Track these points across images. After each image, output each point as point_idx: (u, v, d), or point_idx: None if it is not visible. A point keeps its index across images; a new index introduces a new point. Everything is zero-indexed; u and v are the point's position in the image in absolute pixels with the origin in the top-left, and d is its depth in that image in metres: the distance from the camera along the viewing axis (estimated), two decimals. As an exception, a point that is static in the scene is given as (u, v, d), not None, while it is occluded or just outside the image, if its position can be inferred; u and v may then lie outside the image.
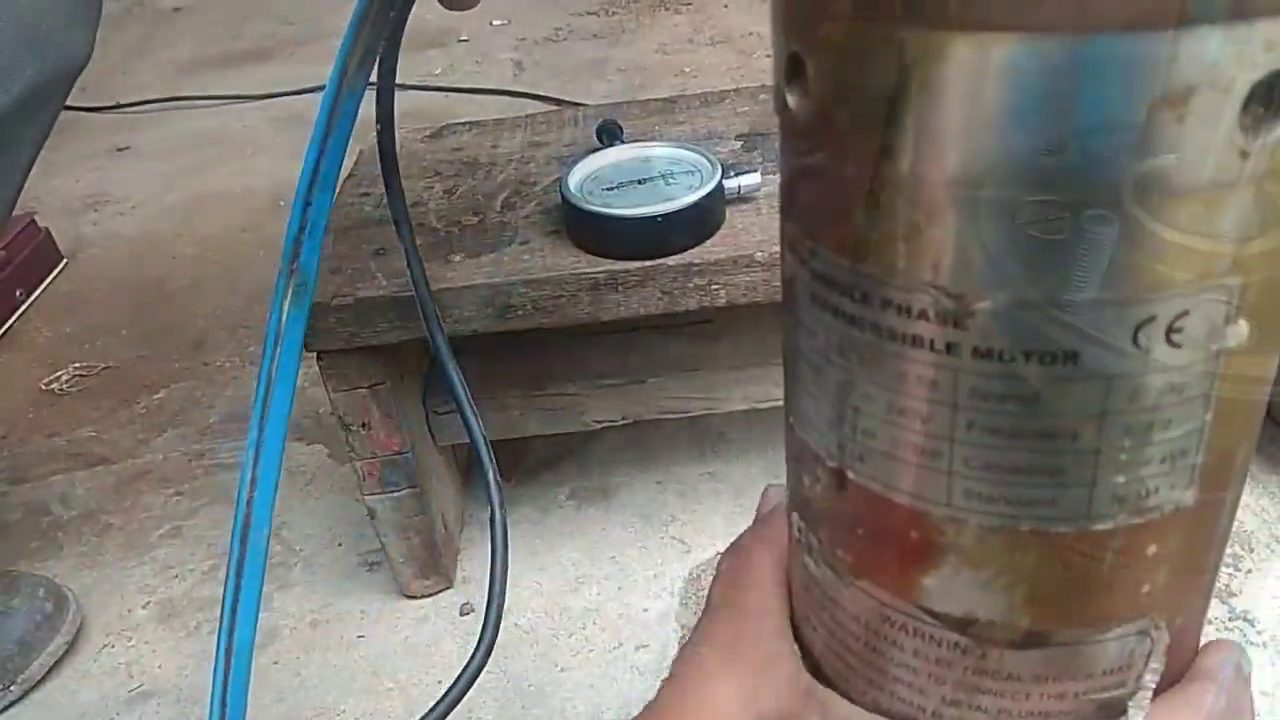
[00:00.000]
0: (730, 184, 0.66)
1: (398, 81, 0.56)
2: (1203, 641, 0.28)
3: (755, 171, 0.68)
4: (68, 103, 0.73)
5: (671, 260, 0.63)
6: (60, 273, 1.36)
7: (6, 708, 0.74)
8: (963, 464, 0.23)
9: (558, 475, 0.90)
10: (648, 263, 0.63)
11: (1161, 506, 0.23)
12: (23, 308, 1.27)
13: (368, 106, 0.49)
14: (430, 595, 0.79)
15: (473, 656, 0.61)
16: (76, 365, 1.15)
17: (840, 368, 0.24)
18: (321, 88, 0.47)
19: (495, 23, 2.08)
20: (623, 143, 0.72)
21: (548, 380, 0.77)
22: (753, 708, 0.29)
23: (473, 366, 0.78)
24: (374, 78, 0.53)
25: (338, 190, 0.77)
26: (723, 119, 0.81)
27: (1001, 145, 0.19)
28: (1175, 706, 0.26)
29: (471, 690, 0.71)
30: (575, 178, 0.67)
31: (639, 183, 0.66)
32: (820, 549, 0.28)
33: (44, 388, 1.11)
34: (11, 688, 0.73)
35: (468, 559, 0.83)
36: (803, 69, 0.22)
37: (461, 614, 0.78)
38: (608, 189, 0.66)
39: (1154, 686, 0.26)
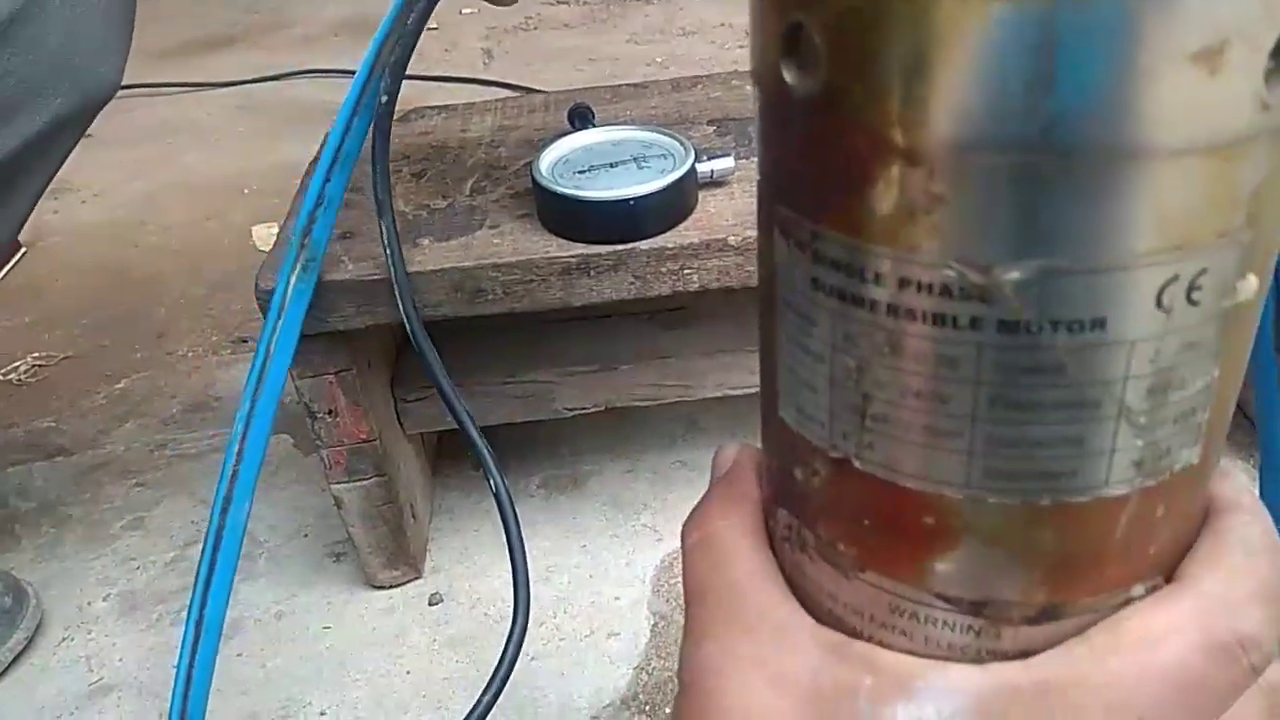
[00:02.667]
0: (703, 168, 0.66)
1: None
2: None
3: (728, 155, 0.67)
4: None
5: (644, 244, 0.63)
6: (20, 261, 1.33)
7: (-39, 703, 0.72)
8: (983, 442, 0.22)
9: (528, 464, 0.89)
10: (620, 247, 0.63)
11: (1172, 467, 0.22)
12: (-21, 296, 1.24)
13: (327, 91, 0.48)
14: (398, 585, 0.78)
15: (504, 652, 0.60)
16: (35, 355, 1.12)
17: (848, 354, 0.23)
18: (283, 75, 0.47)
19: (465, 11, 2.06)
20: (594, 126, 0.72)
21: (519, 367, 0.76)
22: (788, 689, 0.24)
23: (443, 352, 0.77)
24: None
25: (303, 174, 0.76)
26: (695, 104, 0.80)
27: (1032, 109, 0.18)
28: (1220, 546, 0.24)
29: (440, 681, 0.71)
30: (546, 161, 0.66)
31: (611, 166, 0.65)
32: (818, 544, 0.27)
33: (1, 378, 1.09)
34: (-33, 683, 0.72)
35: (436, 549, 0.82)
36: (805, 40, 0.21)
37: (430, 604, 0.77)
38: (580, 172, 0.65)
39: None
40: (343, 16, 2.13)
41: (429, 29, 1.95)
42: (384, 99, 0.58)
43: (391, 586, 0.78)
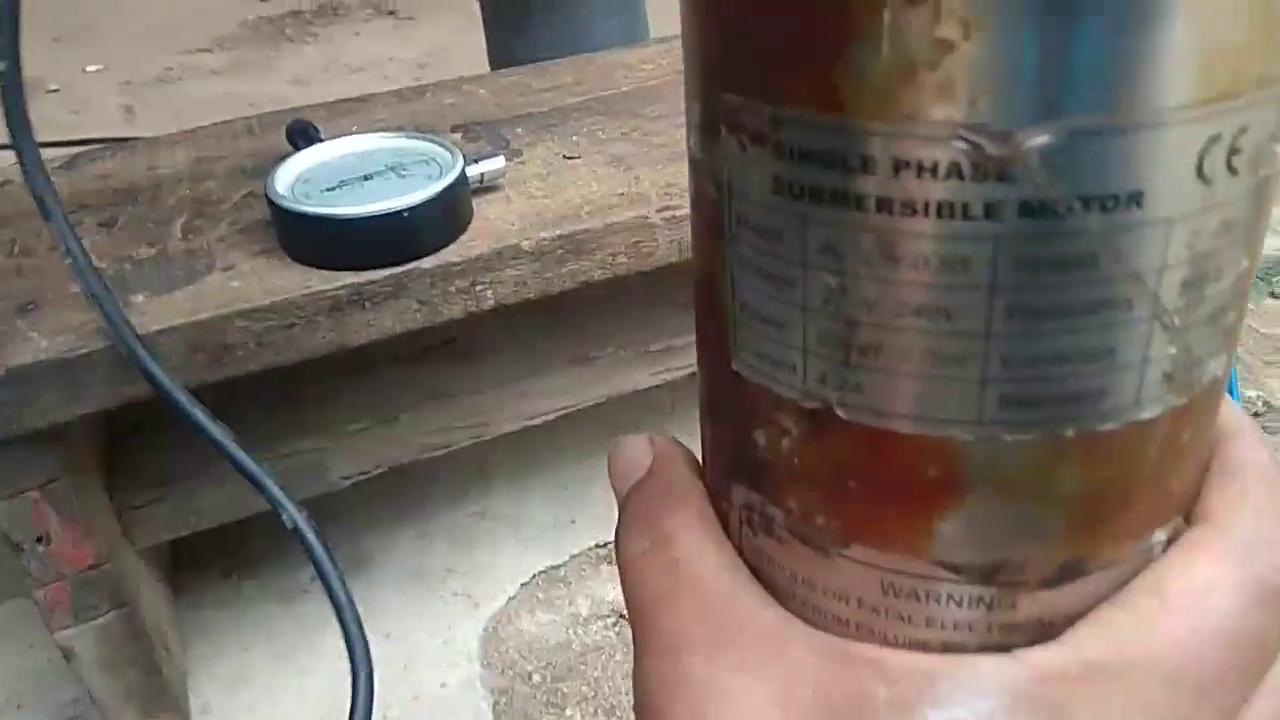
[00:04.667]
0: (473, 171, 0.57)
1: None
2: None
3: (497, 155, 0.59)
4: None
5: (426, 263, 0.53)
6: None
7: None
8: (1000, 365, 0.18)
9: (293, 554, 0.75)
10: (396, 269, 0.53)
11: (1201, 380, 0.20)
12: None
13: None
14: (161, 739, 0.62)
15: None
16: None
17: (827, 271, 0.19)
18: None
19: (90, 68, 1.81)
20: (322, 142, 0.61)
21: (275, 438, 0.63)
22: (793, 708, 0.20)
23: (171, 440, 0.63)
24: None
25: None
26: (430, 112, 0.72)
27: None
28: (1239, 480, 0.21)
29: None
30: (282, 182, 0.55)
31: (365, 179, 0.55)
32: (788, 520, 0.23)
33: None
34: None
35: (199, 680, 0.66)
36: None
37: (208, 751, 0.62)
38: (328, 190, 0.54)
39: None
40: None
41: (49, 90, 1.67)
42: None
43: (151, 742, 0.62)
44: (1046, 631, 0.21)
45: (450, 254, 0.54)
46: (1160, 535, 0.21)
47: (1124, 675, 0.19)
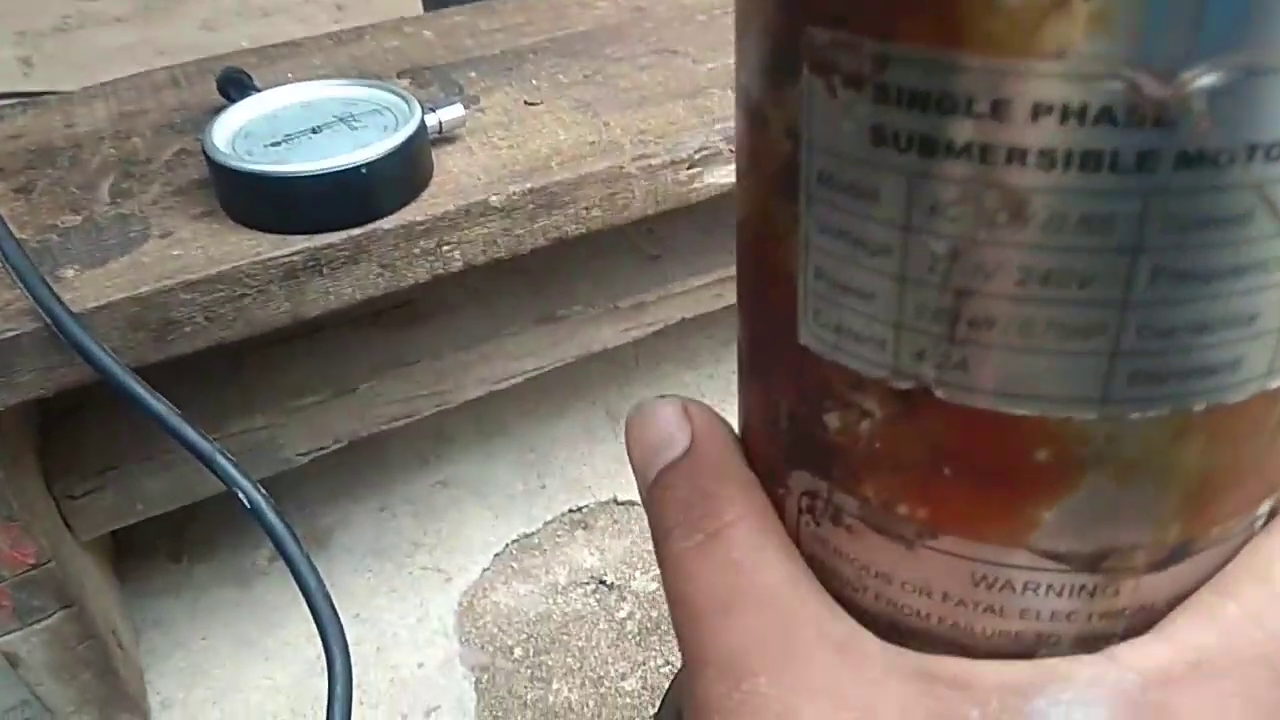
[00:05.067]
0: (430, 120, 0.53)
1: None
2: None
3: (455, 102, 0.55)
4: None
5: (387, 223, 0.49)
6: None
7: None
8: (1135, 336, 0.17)
9: (246, 534, 0.71)
10: (355, 231, 0.49)
11: None
12: None
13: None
14: (120, 740, 0.58)
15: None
16: None
17: (934, 234, 0.17)
18: None
19: (-24, 16, 1.68)
20: (258, 92, 0.56)
21: (224, 416, 0.59)
22: None
23: (112, 417, 0.58)
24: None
25: None
26: (371, 57, 0.67)
27: None
28: None
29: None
30: (220, 138, 0.50)
31: (313, 132, 0.51)
32: (863, 510, 0.21)
33: None
34: None
35: (157, 674, 0.63)
36: None
37: (172, 750, 0.58)
38: (272, 145, 0.50)
39: None
40: None
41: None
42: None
43: (110, 745, 0.58)
44: (1147, 616, 0.20)
45: (413, 212, 0.50)
46: (1265, 508, 0.20)
47: (1230, 674, 0.18)
